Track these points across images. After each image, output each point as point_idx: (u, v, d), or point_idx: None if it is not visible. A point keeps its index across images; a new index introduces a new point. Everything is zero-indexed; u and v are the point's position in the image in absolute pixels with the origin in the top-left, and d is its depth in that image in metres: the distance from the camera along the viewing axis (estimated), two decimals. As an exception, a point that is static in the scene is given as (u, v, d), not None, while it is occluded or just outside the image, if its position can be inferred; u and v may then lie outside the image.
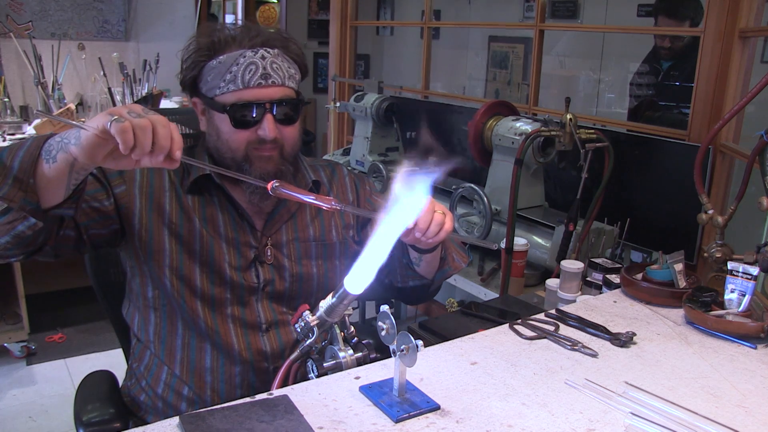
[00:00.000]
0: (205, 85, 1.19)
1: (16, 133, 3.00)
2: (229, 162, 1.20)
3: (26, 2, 3.49)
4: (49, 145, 0.94)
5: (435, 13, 4.58)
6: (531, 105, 2.58)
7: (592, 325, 1.24)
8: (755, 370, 1.11)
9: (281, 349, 1.23)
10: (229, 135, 1.18)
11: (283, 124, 1.19)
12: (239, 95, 1.15)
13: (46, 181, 0.95)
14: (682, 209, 1.86)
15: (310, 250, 1.29)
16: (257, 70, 1.15)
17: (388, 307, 0.95)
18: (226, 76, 1.15)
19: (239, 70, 1.14)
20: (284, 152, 1.21)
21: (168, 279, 1.19)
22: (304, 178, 1.31)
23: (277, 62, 1.17)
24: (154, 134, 0.87)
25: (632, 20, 3.58)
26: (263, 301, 1.24)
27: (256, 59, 1.15)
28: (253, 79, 1.15)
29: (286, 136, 1.20)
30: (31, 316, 2.76)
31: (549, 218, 2.06)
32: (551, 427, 0.91)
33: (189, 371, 1.20)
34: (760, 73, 1.64)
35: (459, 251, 1.35)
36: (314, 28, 5.94)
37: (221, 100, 1.17)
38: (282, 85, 1.17)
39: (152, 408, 1.24)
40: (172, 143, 0.89)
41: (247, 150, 1.18)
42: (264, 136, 1.17)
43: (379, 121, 2.71)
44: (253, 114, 1.16)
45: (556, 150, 1.98)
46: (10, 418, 2.41)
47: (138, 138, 0.86)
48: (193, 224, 1.21)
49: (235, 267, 1.21)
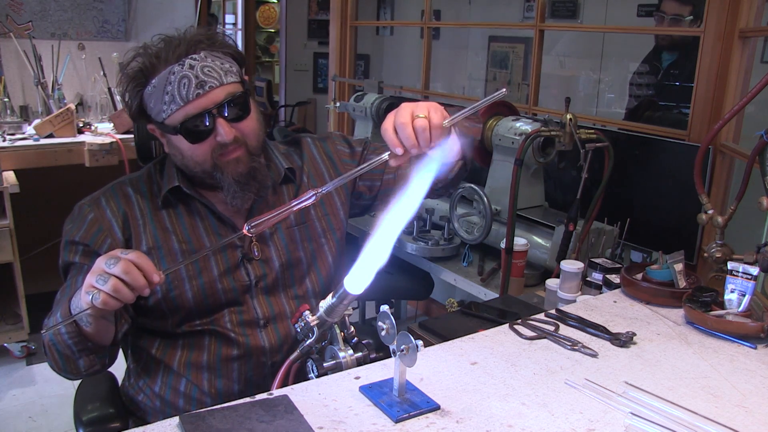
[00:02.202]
0: (152, 112, 1.18)
1: (16, 133, 3.00)
2: (201, 175, 1.20)
3: (26, 2, 3.49)
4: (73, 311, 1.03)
5: (435, 13, 4.58)
6: (531, 105, 2.58)
7: (592, 325, 1.24)
8: (755, 370, 1.10)
9: (279, 344, 1.23)
10: (191, 151, 1.17)
11: (237, 121, 1.17)
12: (183, 113, 1.13)
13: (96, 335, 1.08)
14: (682, 209, 1.86)
15: (295, 235, 1.29)
16: (190, 81, 1.12)
17: (388, 307, 0.95)
18: (165, 98, 1.13)
19: (174, 89, 1.12)
20: (249, 147, 1.20)
21: (163, 302, 1.20)
22: (276, 168, 1.30)
23: (207, 64, 1.14)
24: (128, 284, 0.96)
25: (632, 20, 3.58)
26: (258, 297, 1.24)
27: (185, 71, 1.12)
28: (190, 92, 1.12)
29: (246, 131, 1.19)
30: (31, 316, 2.76)
31: (549, 218, 2.05)
32: (551, 427, 0.91)
33: (186, 367, 1.21)
34: (760, 73, 1.64)
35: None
36: (314, 28, 5.94)
37: (170, 122, 1.15)
38: (221, 85, 1.15)
39: (150, 407, 1.24)
40: (146, 276, 0.97)
41: (213, 159, 1.17)
42: (222, 141, 1.15)
43: (379, 121, 2.71)
44: (204, 124, 1.14)
45: (556, 150, 1.98)
46: (10, 418, 2.41)
47: (119, 297, 0.96)
48: (171, 244, 1.21)
49: (224, 272, 1.22)
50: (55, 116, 2.99)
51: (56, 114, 3.00)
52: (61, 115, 3.00)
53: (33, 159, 2.86)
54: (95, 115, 3.53)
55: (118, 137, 3.02)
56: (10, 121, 3.10)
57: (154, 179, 1.26)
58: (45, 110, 3.27)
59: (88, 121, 3.30)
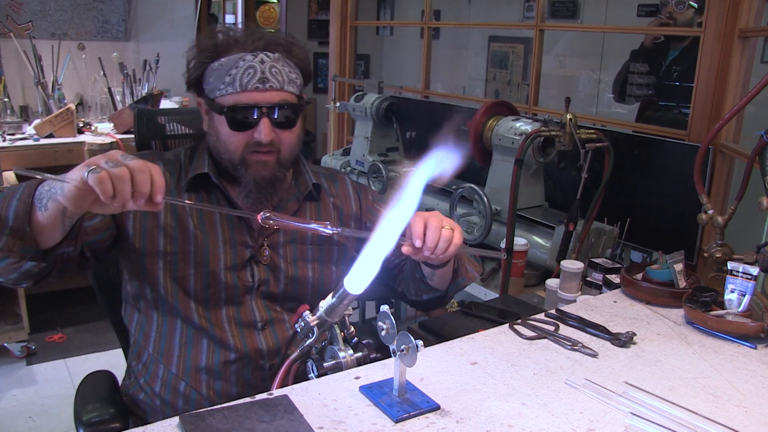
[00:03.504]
0: (207, 86, 1.21)
1: (16, 133, 3.00)
2: (227, 164, 1.22)
3: (26, 2, 3.49)
4: (39, 193, 0.98)
5: (435, 13, 4.59)
6: (531, 105, 2.58)
7: (592, 325, 1.24)
8: (755, 370, 1.11)
9: (277, 347, 1.23)
10: (227, 137, 1.19)
11: (280, 128, 1.20)
12: (237, 98, 1.16)
13: (41, 228, 0.99)
14: (682, 209, 1.86)
15: (307, 253, 1.29)
16: (255, 73, 1.16)
17: (388, 307, 0.95)
18: (226, 79, 1.16)
19: (238, 73, 1.16)
20: (281, 157, 1.22)
21: (161, 281, 1.20)
22: (305, 181, 1.32)
23: (276, 66, 1.18)
24: (132, 182, 0.88)
25: (632, 20, 3.59)
26: (257, 300, 1.24)
27: (255, 63, 1.16)
28: (250, 83, 1.16)
29: (284, 141, 1.21)
30: (31, 316, 2.76)
31: (549, 218, 2.05)
32: (551, 427, 0.91)
33: (185, 368, 1.21)
34: (760, 73, 1.64)
35: (472, 261, 1.36)
36: (314, 28, 5.94)
37: (220, 102, 1.18)
38: (280, 89, 1.18)
39: (150, 406, 1.24)
40: (152, 187, 0.90)
41: (244, 153, 1.19)
42: (259, 139, 1.17)
43: (379, 121, 2.71)
44: (251, 117, 1.17)
45: (556, 150, 1.98)
46: (10, 418, 2.41)
47: (116, 187, 0.87)
48: (188, 226, 1.22)
49: (229, 267, 1.22)
50: (55, 116, 2.99)
51: (56, 114, 3.00)
52: (61, 115, 3.00)
53: (33, 159, 2.86)
54: (95, 115, 3.54)
55: (118, 137, 3.03)
56: (10, 121, 3.10)
57: (183, 164, 1.28)
58: (45, 110, 3.27)
59: (88, 121, 3.31)
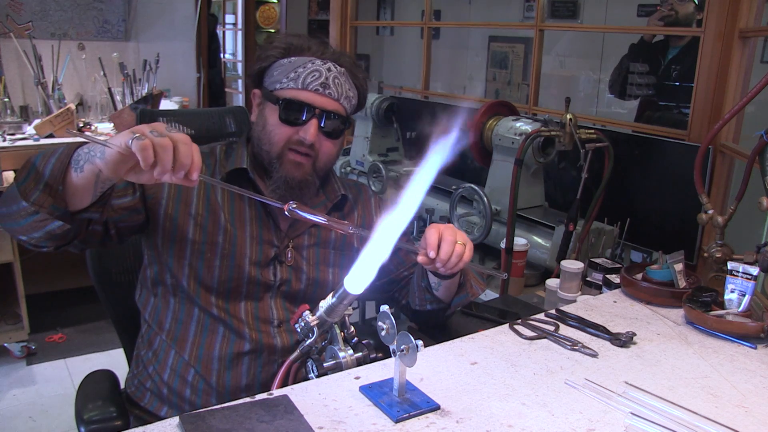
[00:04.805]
0: (270, 78, 1.25)
1: (16, 133, 3.00)
2: (264, 155, 1.26)
3: (26, 2, 3.49)
4: (77, 154, 0.98)
5: (435, 13, 4.58)
6: (531, 105, 2.58)
7: (592, 325, 1.24)
8: (755, 370, 1.11)
9: (292, 345, 1.24)
10: (274, 127, 1.23)
11: (325, 135, 1.24)
12: (295, 93, 1.22)
13: (73, 189, 1.00)
14: (682, 209, 1.86)
15: (329, 257, 1.32)
16: (320, 77, 1.22)
17: (388, 307, 0.95)
18: (290, 74, 1.22)
19: (304, 72, 1.22)
20: (317, 164, 1.26)
21: (185, 269, 1.22)
22: (333, 191, 1.36)
23: (340, 79, 1.24)
24: (175, 152, 0.89)
25: (632, 20, 3.59)
26: (277, 299, 1.26)
27: (322, 68, 1.22)
28: (312, 84, 1.21)
29: (324, 148, 1.26)
30: (31, 316, 2.76)
31: (549, 218, 2.06)
32: (551, 427, 0.91)
33: (198, 356, 1.22)
34: (760, 73, 1.64)
35: (477, 278, 1.39)
36: (314, 28, 5.94)
37: (278, 94, 1.23)
38: (337, 99, 1.23)
39: (156, 395, 1.25)
40: (191, 163, 0.91)
41: (284, 148, 1.23)
42: (304, 138, 1.21)
43: (379, 121, 2.71)
44: (302, 114, 1.22)
45: (556, 150, 1.98)
46: (10, 418, 2.41)
47: (159, 155, 0.88)
48: (219, 218, 1.24)
49: (254, 263, 1.24)
50: (55, 116, 2.99)
51: (56, 114, 3.00)
52: (61, 115, 3.00)
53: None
54: (95, 115, 3.54)
55: (118, 137, 3.02)
56: (10, 121, 3.10)
57: (219, 158, 1.30)
58: (45, 110, 3.27)
59: (88, 121, 3.31)
